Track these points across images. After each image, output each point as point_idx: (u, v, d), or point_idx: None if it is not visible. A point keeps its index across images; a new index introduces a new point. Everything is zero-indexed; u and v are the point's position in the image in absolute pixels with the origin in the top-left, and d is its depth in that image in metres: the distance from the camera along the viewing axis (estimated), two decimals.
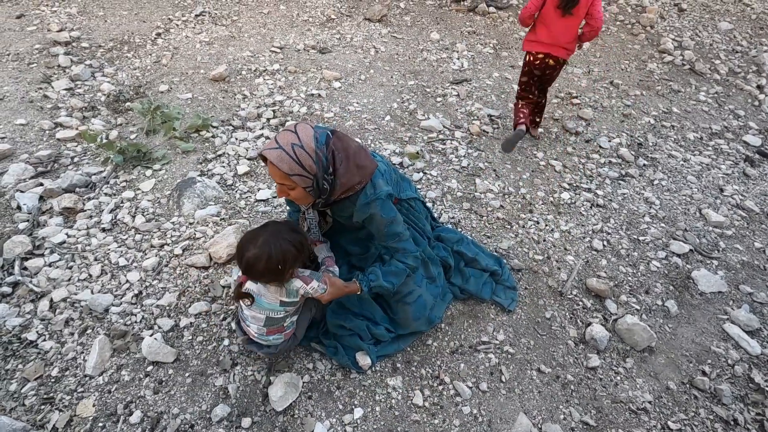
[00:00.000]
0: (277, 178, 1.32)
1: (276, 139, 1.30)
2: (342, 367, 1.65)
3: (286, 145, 1.27)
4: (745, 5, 6.21)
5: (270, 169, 1.31)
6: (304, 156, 1.27)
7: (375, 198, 1.42)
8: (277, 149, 1.27)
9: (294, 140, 1.28)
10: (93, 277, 1.85)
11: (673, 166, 3.21)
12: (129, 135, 2.77)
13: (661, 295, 2.19)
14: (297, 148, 1.27)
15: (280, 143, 1.28)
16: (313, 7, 4.87)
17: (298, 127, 1.32)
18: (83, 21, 4.13)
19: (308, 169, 1.29)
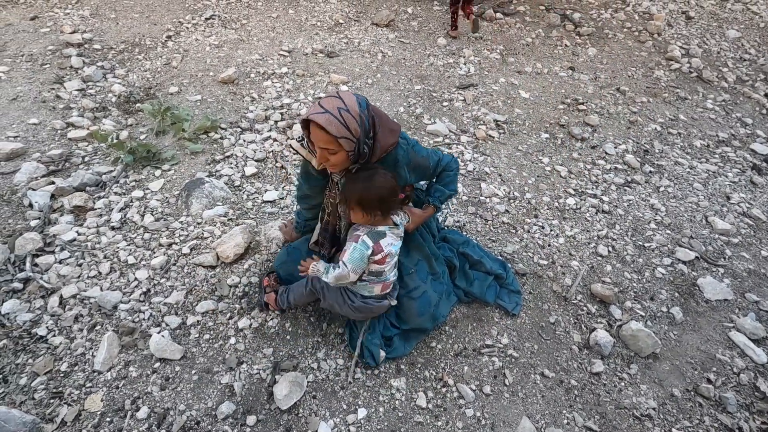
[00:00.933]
0: (322, 142, 1.34)
1: (320, 104, 1.33)
2: (346, 367, 1.66)
3: (332, 109, 1.31)
4: (754, 14, 6.20)
5: (315, 134, 1.34)
6: (350, 119, 1.32)
7: (409, 146, 1.53)
8: (324, 113, 1.30)
9: (340, 104, 1.32)
10: (102, 275, 1.87)
11: (679, 173, 3.20)
12: (139, 135, 2.81)
13: (666, 302, 2.19)
14: (343, 112, 1.31)
15: (326, 107, 1.31)
16: (321, 11, 4.92)
17: (340, 93, 1.37)
18: (95, 23, 4.20)
19: (353, 132, 1.33)
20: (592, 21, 5.53)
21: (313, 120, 1.31)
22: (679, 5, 6.22)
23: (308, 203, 1.77)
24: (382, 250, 1.49)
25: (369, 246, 1.46)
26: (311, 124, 1.34)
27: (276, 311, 1.78)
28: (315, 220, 1.81)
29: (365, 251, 1.46)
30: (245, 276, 1.89)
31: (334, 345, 1.73)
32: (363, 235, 1.48)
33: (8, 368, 1.53)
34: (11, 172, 2.43)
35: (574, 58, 4.75)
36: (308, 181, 1.67)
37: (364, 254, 1.46)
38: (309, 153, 1.53)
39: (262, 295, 1.77)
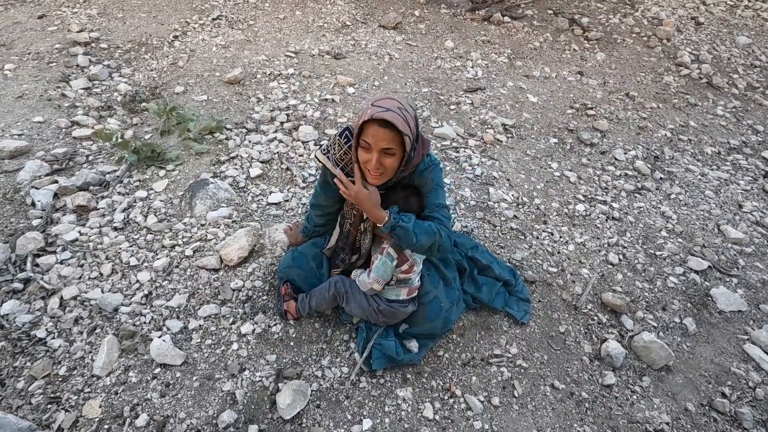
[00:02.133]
0: (386, 141, 1.33)
1: (379, 105, 1.32)
2: (348, 378, 1.62)
3: (394, 108, 1.31)
4: (764, 20, 6.14)
5: (379, 133, 1.32)
6: (410, 118, 1.34)
7: (432, 164, 1.51)
8: (387, 111, 1.29)
9: (398, 104, 1.33)
10: (104, 276, 1.84)
11: (690, 181, 3.15)
12: (144, 135, 2.79)
13: (678, 312, 2.14)
14: (403, 111, 1.32)
15: (387, 107, 1.31)
16: (328, 13, 4.90)
17: (390, 95, 1.37)
18: (103, 22, 4.19)
19: (412, 131, 1.35)
20: (600, 26, 5.48)
21: (382, 118, 1.28)
22: (688, 11, 6.17)
23: (322, 211, 1.74)
24: (406, 259, 1.55)
25: (393, 258, 1.53)
26: (372, 124, 1.31)
27: (295, 319, 1.73)
28: (325, 227, 1.79)
29: (390, 263, 1.53)
30: (249, 280, 1.85)
31: (339, 352, 1.69)
32: (387, 247, 1.54)
33: (6, 371, 1.49)
34: (15, 170, 2.41)
35: (583, 62, 4.71)
36: (326, 191, 1.64)
37: (388, 266, 1.53)
38: (334, 166, 1.51)
39: (281, 304, 1.73)
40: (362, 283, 1.60)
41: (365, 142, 1.37)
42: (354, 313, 1.67)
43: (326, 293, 1.65)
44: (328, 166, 1.53)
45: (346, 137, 1.49)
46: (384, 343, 1.62)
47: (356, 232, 1.64)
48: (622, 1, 6.21)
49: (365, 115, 1.32)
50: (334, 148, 1.52)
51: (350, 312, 1.66)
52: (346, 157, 1.50)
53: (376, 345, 1.63)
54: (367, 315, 1.63)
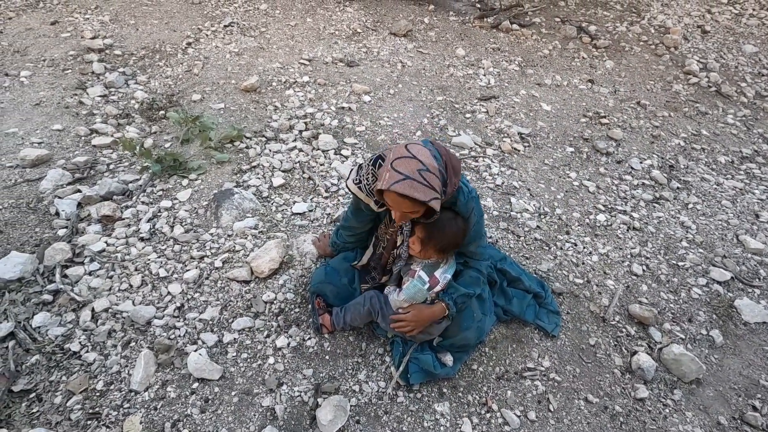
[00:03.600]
0: (406, 207, 1.29)
1: (396, 169, 1.25)
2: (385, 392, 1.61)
3: (412, 173, 1.23)
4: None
5: (398, 202, 1.27)
6: (432, 178, 1.26)
7: (471, 196, 1.46)
8: (404, 180, 1.23)
9: (418, 165, 1.25)
10: (134, 288, 1.83)
11: (706, 190, 3.16)
12: (163, 143, 2.78)
13: (705, 324, 2.14)
14: (424, 173, 1.24)
15: (404, 173, 1.24)
16: (338, 20, 4.91)
17: (411, 148, 1.29)
18: (115, 29, 4.19)
19: (437, 190, 1.28)
20: (608, 33, 5.52)
21: (397, 192, 1.23)
22: (694, 19, 6.22)
23: (353, 232, 1.74)
24: (438, 281, 1.54)
25: (425, 281, 1.52)
26: (390, 193, 1.26)
27: (330, 333, 1.73)
28: (354, 243, 1.79)
29: (422, 286, 1.52)
30: (280, 292, 1.84)
31: (375, 366, 1.68)
32: (419, 271, 1.53)
33: (42, 386, 1.48)
34: (37, 179, 2.40)
35: (592, 70, 4.74)
36: (358, 217, 1.64)
37: (420, 289, 1.52)
38: (367, 196, 1.48)
39: (316, 318, 1.72)
40: (393, 302, 1.59)
41: (391, 207, 1.34)
42: (388, 329, 1.67)
43: (361, 308, 1.64)
44: (360, 197, 1.50)
45: (379, 166, 1.44)
46: (420, 357, 1.62)
47: (388, 256, 1.63)
48: (629, 10, 6.25)
49: (383, 181, 1.25)
50: (367, 178, 1.46)
51: (385, 328, 1.66)
52: None
53: (412, 359, 1.63)
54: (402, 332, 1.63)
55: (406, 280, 1.56)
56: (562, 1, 6.17)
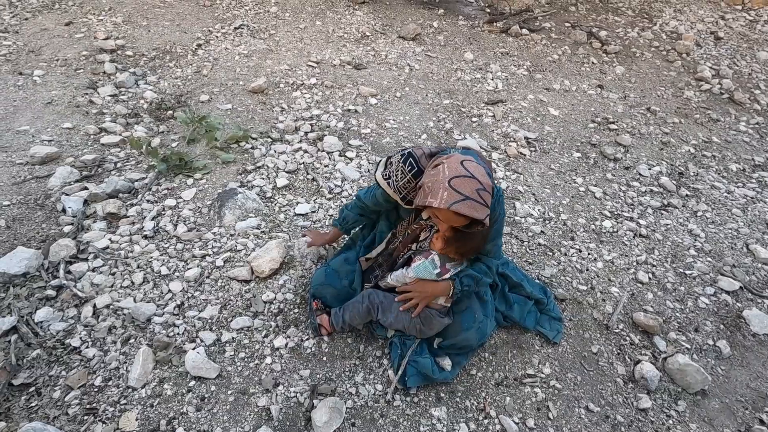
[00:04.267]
0: (458, 223, 1.32)
1: (455, 188, 1.25)
2: (384, 393, 1.60)
3: (472, 194, 1.26)
4: None
5: (452, 219, 1.30)
6: (488, 196, 1.30)
7: (499, 196, 1.49)
8: (465, 200, 1.24)
9: (476, 185, 1.27)
10: (135, 285, 1.85)
11: (716, 198, 3.10)
12: (170, 143, 2.81)
13: (711, 334, 2.10)
14: (482, 192, 1.27)
15: (465, 193, 1.25)
16: (348, 23, 4.94)
17: (468, 166, 1.29)
18: (128, 30, 4.26)
19: (489, 205, 1.31)
20: (618, 39, 5.47)
21: (460, 212, 1.24)
22: (707, 25, 6.14)
23: (363, 212, 1.73)
24: (448, 271, 1.53)
25: (437, 266, 1.52)
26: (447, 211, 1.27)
27: (329, 334, 1.72)
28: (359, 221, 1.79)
29: (432, 269, 1.51)
30: (280, 292, 1.84)
31: (372, 369, 1.67)
32: (434, 254, 1.53)
33: (42, 380, 1.50)
34: (45, 176, 2.44)
35: (602, 76, 4.69)
36: (376, 202, 1.65)
37: (430, 271, 1.51)
38: (395, 192, 1.50)
39: (314, 319, 1.72)
40: (400, 276, 1.58)
41: (437, 218, 1.35)
42: (389, 323, 1.65)
43: (360, 306, 1.64)
44: (389, 192, 1.51)
45: (410, 165, 1.45)
46: (419, 360, 1.60)
47: (403, 249, 1.63)
48: (640, 15, 6.20)
49: (440, 200, 1.24)
50: (396, 175, 1.48)
51: (385, 323, 1.65)
52: (409, 185, 1.47)
53: (410, 362, 1.61)
54: (403, 325, 1.62)
55: (417, 258, 1.56)
56: (573, 6, 6.14)
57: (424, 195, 1.31)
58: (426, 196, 1.30)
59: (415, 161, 1.46)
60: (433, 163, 1.38)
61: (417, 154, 1.47)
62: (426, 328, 1.62)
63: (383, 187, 1.52)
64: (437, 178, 1.29)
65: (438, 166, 1.34)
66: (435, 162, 1.38)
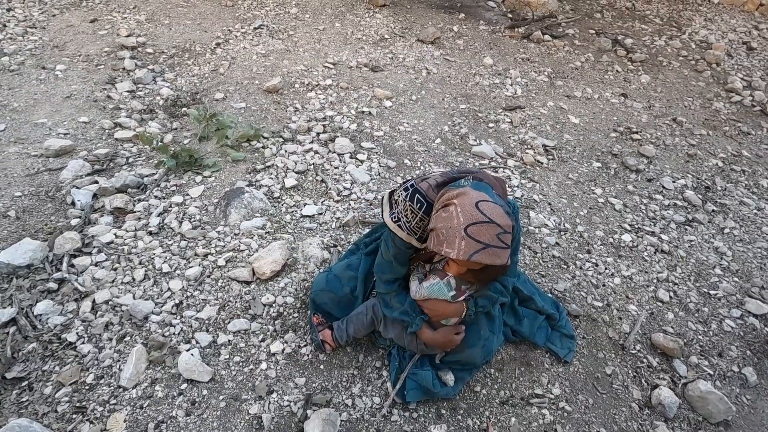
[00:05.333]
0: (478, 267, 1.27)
1: (473, 237, 1.16)
2: (380, 409, 1.53)
3: (492, 240, 1.17)
4: None
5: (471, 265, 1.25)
6: (509, 238, 1.21)
7: (515, 211, 1.43)
8: (485, 249, 1.16)
9: (496, 230, 1.18)
10: (136, 281, 1.82)
11: (745, 215, 2.94)
12: (183, 140, 2.81)
13: (737, 360, 1.96)
14: (503, 236, 1.19)
15: (484, 241, 1.17)
16: (367, 26, 4.91)
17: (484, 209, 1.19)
18: (150, 28, 4.31)
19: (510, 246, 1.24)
20: (645, 47, 5.30)
21: (480, 262, 1.17)
22: (739, 35, 5.91)
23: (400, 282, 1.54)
24: (464, 293, 1.44)
25: (452, 288, 1.43)
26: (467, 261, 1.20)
27: (333, 350, 1.65)
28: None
29: (447, 291, 1.42)
30: (280, 295, 1.79)
31: (371, 380, 1.60)
32: (450, 276, 1.43)
33: (35, 375, 1.48)
34: (58, 168, 2.45)
35: (626, 84, 4.54)
36: (401, 259, 1.46)
37: (445, 294, 1.42)
38: (408, 235, 1.38)
39: (316, 334, 1.64)
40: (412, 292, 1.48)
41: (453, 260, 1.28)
42: (390, 337, 1.59)
43: (364, 318, 1.57)
44: (401, 237, 1.39)
45: (419, 202, 1.34)
46: (420, 372, 1.53)
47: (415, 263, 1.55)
48: (668, 23, 6.01)
49: (458, 251, 1.16)
50: (406, 216, 1.36)
51: (386, 336, 1.58)
52: (423, 224, 1.35)
53: (410, 375, 1.54)
54: (405, 340, 1.55)
55: (432, 277, 1.46)
56: (598, 13, 5.99)
57: (438, 242, 1.21)
58: (441, 243, 1.20)
59: (423, 197, 1.34)
60: (443, 201, 1.26)
61: (423, 189, 1.35)
62: (428, 347, 1.55)
63: (394, 231, 1.39)
64: (451, 224, 1.18)
65: (449, 207, 1.22)
66: (444, 200, 1.26)
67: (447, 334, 1.47)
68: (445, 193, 1.29)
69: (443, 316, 1.45)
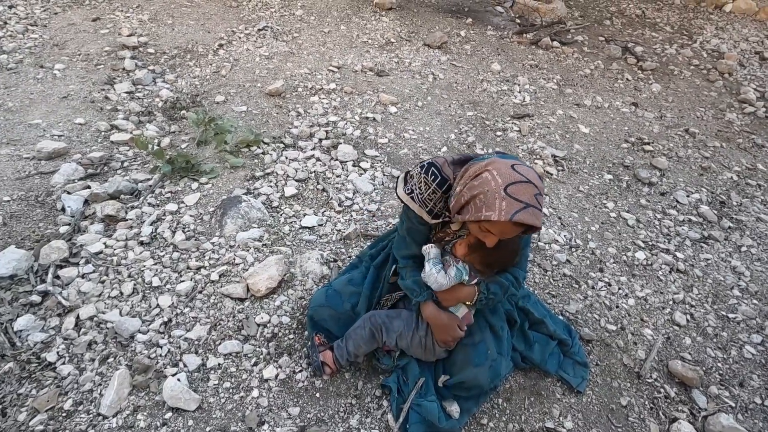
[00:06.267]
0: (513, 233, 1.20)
1: (514, 197, 1.12)
2: None
3: (531, 200, 1.13)
4: None
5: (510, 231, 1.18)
6: (543, 200, 1.18)
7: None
8: (526, 209, 1.11)
9: (534, 190, 1.14)
10: (124, 296, 1.72)
11: (762, 232, 2.82)
12: (181, 144, 2.72)
13: (759, 391, 1.84)
14: (539, 197, 1.15)
15: (524, 200, 1.12)
16: (373, 29, 4.82)
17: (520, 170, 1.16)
18: (152, 27, 4.24)
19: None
20: (655, 55, 5.19)
21: (522, 222, 1.11)
22: (752, 45, 5.80)
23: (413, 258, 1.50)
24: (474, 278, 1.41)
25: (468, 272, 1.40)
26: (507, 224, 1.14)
27: (333, 373, 1.55)
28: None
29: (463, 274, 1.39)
30: (275, 314, 1.69)
31: (370, 411, 1.49)
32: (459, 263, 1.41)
33: (9, 398, 1.38)
34: (50, 171, 2.36)
35: (637, 93, 4.44)
36: (415, 236, 1.44)
37: (462, 275, 1.40)
38: (420, 207, 1.34)
39: (316, 355, 1.52)
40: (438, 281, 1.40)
41: (488, 231, 1.20)
42: (392, 344, 1.51)
43: (363, 332, 1.48)
44: (413, 208, 1.35)
45: (433, 175, 1.32)
46: (424, 404, 1.42)
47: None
48: (679, 32, 5.90)
49: (499, 212, 1.10)
50: (419, 187, 1.34)
51: (389, 344, 1.50)
52: (435, 196, 1.32)
53: (414, 406, 1.43)
54: (409, 342, 1.48)
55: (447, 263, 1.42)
56: (608, 20, 5.89)
57: (477, 208, 1.16)
58: (479, 209, 1.15)
59: (438, 170, 1.32)
60: (471, 173, 1.22)
61: (439, 163, 1.33)
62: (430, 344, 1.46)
63: (407, 202, 1.36)
64: (489, 187, 1.14)
65: (482, 174, 1.18)
66: (474, 171, 1.21)
67: (451, 319, 1.42)
68: (470, 167, 1.25)
69: (455, 300, 1.41)
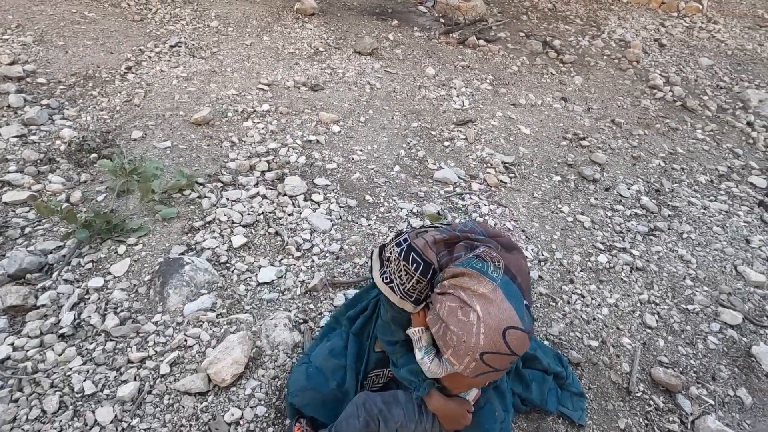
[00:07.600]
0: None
1: (486, 363, 1.04)
2: None
3: (503, 367, 1.07)
4: (719, 41, 6.39)
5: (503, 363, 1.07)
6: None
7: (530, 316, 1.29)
8: (492, 372, 1.05)
9: (512, 359, 1.07)
10: (47, 415, 1.38)
11: (695, 216, 3.04)
12: (96, 196, 2.31)
13: (729, 382, 1.94)
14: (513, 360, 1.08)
15: (495, 367, 1.06)
16: (298, 38, 4.55)
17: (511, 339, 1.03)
18: (40, 52, 3.62)
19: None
20: (572, 48, 5.47)
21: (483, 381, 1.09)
22: (650, 32, 6.32)
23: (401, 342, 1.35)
24: None
25: None
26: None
27: None
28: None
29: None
30: (248, 406, 1.45)
31: None
32: None
33: None
34: None
35: (563, 87, 4.63)
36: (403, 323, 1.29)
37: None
38: (401, 299, 1.18)
39: None
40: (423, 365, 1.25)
41: (490, 367, 1.06)
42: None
43: (356, 422, 1.29)
44: (393, 300, 1.19)
45: (415, 263, 1.16)
46: None
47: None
48: (588, 23, 6.28)
49: (465, 368, 1.04)
50: (399, 277, 1.18)
51: None
52: (419, 285, 1.17)
53: None
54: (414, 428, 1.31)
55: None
56: (524, 15, 6.10)
57: (446, 345, 1.06)
58: (447, 347, 1.06)
59: (419, 255, 1.17)
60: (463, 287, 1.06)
61: (419, 246, 1.18)
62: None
63: (386, 294, 1.18)
64: (468, 341, 1.02)
65: (470, 312, 1.03)
66: (467, 288, 1.06)
67: (462, 406, 1.29)
68: (465, 273, 1.08)
69: (467, 387, 1.27)
